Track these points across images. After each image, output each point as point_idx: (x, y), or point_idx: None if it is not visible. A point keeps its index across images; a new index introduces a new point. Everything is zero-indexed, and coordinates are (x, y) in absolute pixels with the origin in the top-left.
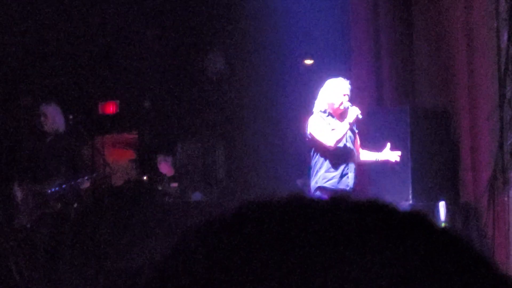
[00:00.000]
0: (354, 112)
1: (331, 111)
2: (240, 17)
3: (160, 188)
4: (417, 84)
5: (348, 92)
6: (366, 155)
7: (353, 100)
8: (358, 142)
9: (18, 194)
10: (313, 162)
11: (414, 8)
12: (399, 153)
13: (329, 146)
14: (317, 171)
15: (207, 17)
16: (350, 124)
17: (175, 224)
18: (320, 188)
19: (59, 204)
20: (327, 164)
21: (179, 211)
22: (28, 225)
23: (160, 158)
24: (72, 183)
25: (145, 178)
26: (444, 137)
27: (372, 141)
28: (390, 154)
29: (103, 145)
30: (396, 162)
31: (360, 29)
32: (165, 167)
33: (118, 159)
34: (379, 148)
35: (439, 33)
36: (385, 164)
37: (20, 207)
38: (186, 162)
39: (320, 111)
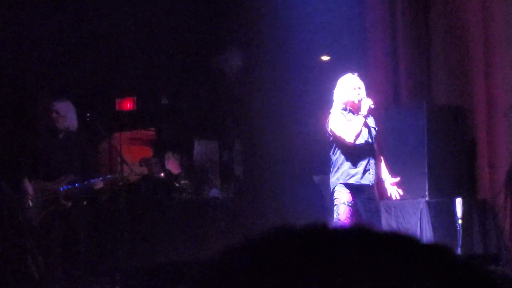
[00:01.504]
0: (366, 104)
1: (350, 108)
2: (257, 14)
3: (177, 185)
4: (433, 82)
5: (359, 85)
6: (382, 168)
7: (369, 97)
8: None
9: (29, 190)
10: (334, 158)
11: (431, 6)
12: (400, 192)
13: (348, 142)
14: (339, 168)
15: (224, 14)
16: (364, 116)
17: (192, 221)
18: (343, 184)
19: (70, 202)
20: (349, 160)
21: (196, 208)
22: (34, 222)
23: (168, 155)
24: (86, 183)
25: (162, 175)
26: (461, 134)
27: (389, 139)
28: (392, 188)
29: (120, 142)
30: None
31: (376, 27)
32: (173, 165)
33: (135, 156)
34: (396, 145)
35: (455, 31)
36: (402, 160)
37: (30, 203)
38: (203, 159)
39: (341, 109)
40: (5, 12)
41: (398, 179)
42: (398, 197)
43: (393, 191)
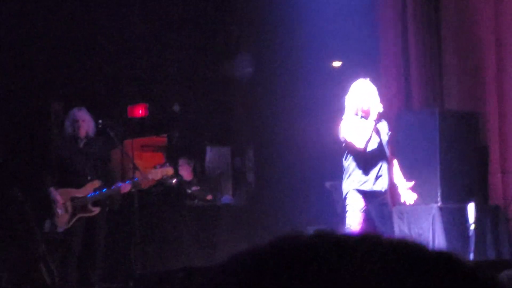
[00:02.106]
0: (376, 109)
1: (363, 114)
2: (268, 20)
3: (189, 191)
4: (445, 87)
5: (371, 91)
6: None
7: (382, 102)
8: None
9: (58, 198)
10: (346, 164)
11: (443, 11)
12: (415, 196)
13: (359, 147)
14: (351, 174)
15: (235, 20)
16: (375, 121)
17: (204, 227)
18: (356, 190)
19: (98, 208)
20: (361, 166)
21: (209, 214)
22: (61, 230)
23: (182, 161)
24: (113, 187)
25: (174, 181)
26: (473, 139)
27: (402, 144)
28: (407, 194)
29: (132, 149)
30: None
31: (388, 33)
32: (186, 171)
33: (147, 162)
34: (408, 151)
35: (467, 36)
36: (414, 166)
37: (59, 211)
38: (215, 165)
39: (352, 115)
40: (18, 20)
41: (412, 183)
42: (412, 202)
43: (408, 196)
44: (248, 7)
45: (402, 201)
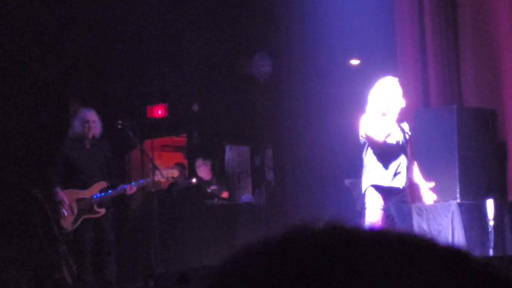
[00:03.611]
0: (398, 106)
1: (385, 111)
2: (286, 19)
3: (208, 190)
4: (463, 84)
5: (397, 90)
6: (415, 172)
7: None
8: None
9: (64, 199)
10: (365, 160)
11: (460, 9)
12: (435, 197)
13: (378, 140)
14: (370, 170)
15: (253, 19)
16: (395, 117)
17: (224, 226)
18: (374, 187)
19: (103, 209)
20: (380, 162)
21: (228, 213)
22: (67, 231)
23: (199, 162)
24: (119, 189)
25: (194, 180)
26: (491, 136)
27: (420, 141)
28: (428, 194)
29: (152, 149)
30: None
31: (405, 31)
32: (204, 171)
33: (167, 162)
34: (426, 148)
35: (485, 33)
36: (433, 163)
37: (65, 212)
38: (235, 164)
39: (375, 111)
40: (38, 18)
41: (433, 184)
42: (432, 203)
43: (428, 196)
44: (266, 6)
45: (423, 201)
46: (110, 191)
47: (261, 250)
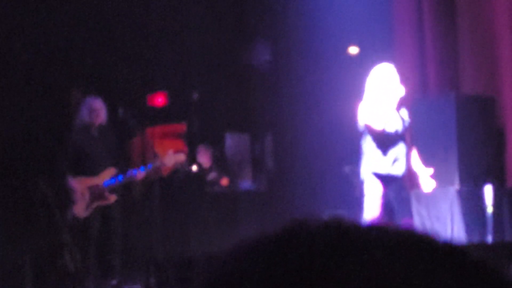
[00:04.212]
0: (396, 94)
1: (383, 98)
2: (285, 7)
3: (209, 178)
4: (461, 72)
5: (393, 76)
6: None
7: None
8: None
9: (76, 186)
10: (364, 147)
11: None
12: (434, 184)
13: (376, 128)
14: (369, 157)
15: (253, 7)
16: (394, 104)
17: (224, 213)
18: (373, 174)
19: (114, 195)
20: (379, 148)
21: (229, 200)
22: (80, 218)
23: (200, 148)
24: (128, 175)
25: (194, 168)
26: (489, 123)
27: (418, 129)
28: (427, 181)
29: (152, 137)
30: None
31: (404, 18)
32: (205, 157)
33: (168, 149)
34: (425, 135)
35: (483, 20)
36: (432, 150)
37: (77, 200)
38: (234, 152)
39: (372, 98)
40: (35, 8)
41: (432, 170)
42: (431, 190)
43: (427, 184)
44: None
45: (422, 188)
46: (120, 177)
47: (260, 247)
